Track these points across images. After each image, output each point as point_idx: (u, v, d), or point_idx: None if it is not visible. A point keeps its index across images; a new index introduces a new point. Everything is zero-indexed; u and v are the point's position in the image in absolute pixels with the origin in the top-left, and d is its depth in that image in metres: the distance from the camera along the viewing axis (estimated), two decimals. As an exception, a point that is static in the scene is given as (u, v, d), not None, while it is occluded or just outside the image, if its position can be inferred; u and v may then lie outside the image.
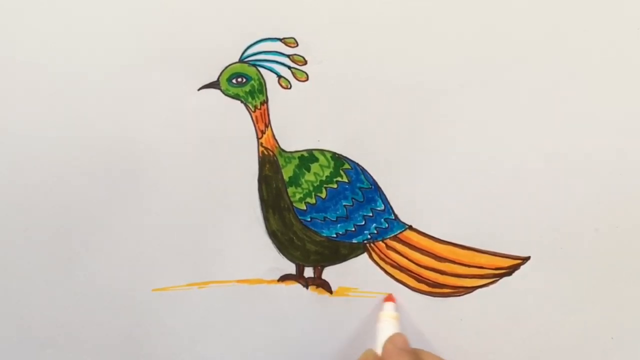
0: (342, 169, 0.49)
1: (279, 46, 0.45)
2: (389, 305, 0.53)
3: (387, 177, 0.49)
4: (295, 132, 0.48)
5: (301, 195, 0.50)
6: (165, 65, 0.46)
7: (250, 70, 0.46)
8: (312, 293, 0.54)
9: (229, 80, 0.46)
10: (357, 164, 0.49)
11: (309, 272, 0.53)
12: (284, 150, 0.49)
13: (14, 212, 0.51)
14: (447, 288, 0.53)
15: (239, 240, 0.52)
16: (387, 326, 0.51)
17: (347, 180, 0.49)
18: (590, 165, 0.48)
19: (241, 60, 0.46)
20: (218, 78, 0.46)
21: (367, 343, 0.51)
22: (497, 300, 0.53)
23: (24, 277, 0.53)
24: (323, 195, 0.50)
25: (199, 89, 0.47)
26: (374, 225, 0.51)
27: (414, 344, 0.50)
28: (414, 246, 0.51)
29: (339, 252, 0.52)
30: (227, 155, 0.49)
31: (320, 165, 0.49)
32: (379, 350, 0.49)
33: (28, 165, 0.49)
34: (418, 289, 0.53)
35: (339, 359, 0.56)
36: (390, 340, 0.49)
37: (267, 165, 0.49)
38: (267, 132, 0.48)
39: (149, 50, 0.45)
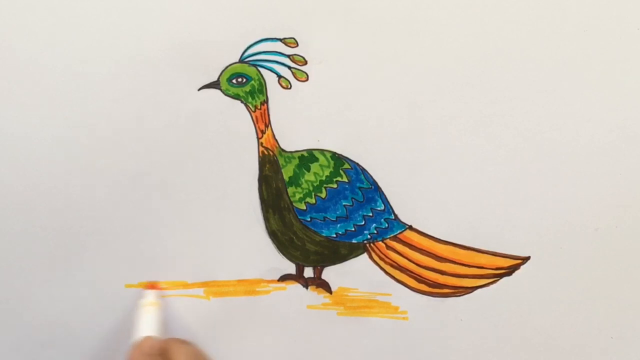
0: (342, 169, 0.49)
1: (279, 46, 0.45)
2: (149, 293, 0.51)
3: (387, 177, 0.49)
4: (295, 132, 0.48)
5: (301, 195, 0.50)
6: (165, 65, 0.46)
7: (251, 70, 0.46)
8: (312, 293, 0.54)
9: (229, 80, 0.46)
10: (357, 164, 0.49)
11: (309, 272, 0.53)
12: (284, 150, 0.49)
13: (14, 212, 0.51)
14: (447, 288, 0.53)
15: (239, 240, 0.52)
16: (145, 316, 0.50)
17: (347, 180, 0.49)
18: (591, 165, 0.48)
19: (241, 60, 0.46)
20: (218, 78, 0.46)
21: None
22: (497, 300, 0.53)
23: (24, 277, 0.54)
24: (323, 195, 0.50)
25: (199, 89, 0.47)
26: (374, 225, 0.51)
27: (414, 344, 0.50)
28: (414, 246, 0.51)
29: (339, 252, 0.52)
30: (227, 155, 0.49)
31: (320, 165, 0.49)
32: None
33: (28, 165, 0.49)
34: (418, 289, 0.53)
35: None
36: (138, 345, 0.47)
37: (267, 165, 0.49)
38: (267, 132, 0.48)
39: (149, 50, 0.45)
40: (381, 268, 0.52)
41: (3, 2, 0.44)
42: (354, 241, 0.52)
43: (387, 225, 0.51)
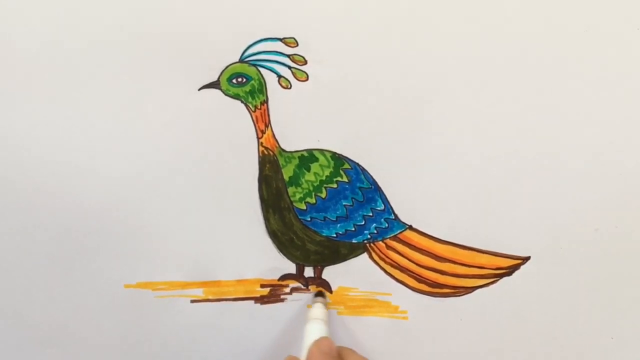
0: (342, 169, 0.49)
1: (279, 46, 0.45)
2: (317, 307, 0.53)
3: (387, 177, 0.49)
4: (295, 132, 0.48)
5: (301, 195, 0.50)
6: (165, 65, 0.46)
7: (251, 70, 0.46)
8: (312, 293, 0.54)
9: (229, 80, 0.46)
10: (357, 164, 0.49)
11: (309, 272, 0.54)
12: (284, 150, 0.49)
13: (14, 212, 0.51)
14: (447, 288, 0.53)
15: (239, 240, 0.52)
16: (314, 328, 0.50)
17: (347, 180, 0.49)
18: (590, 166, 0.48)
19: (241, 60, 0.46)
20: (218, 78, 0.46)
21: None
22: (497, 300, 0.53)
23: (24, 277, 0.54)
24: (323, 195, 0.50)
25: (199, 89, 0.47)
26: (374, 225, 0.51)
27: (414, 344, 0.49)
28: (414, 246, 0.51)
29: (339, 252, 0.52)
30: (227, 155, 0.49)
31: (320, 165, 0.49)
32: (304, 353, 0.48)
33: (28, 165, 0.49)
34: (418, 289, 0.53)
35: None
36: (316, 343, 0.48)
37: (267, 165, 0.49)
38: (267, 132, 0.48)
39: (149, 50, 0.45)
40: (381, 268, 0.52)
41: (3, 1, 0.44)
42: (354, 241, 0.52)
43: (387, 225, 0.51)
